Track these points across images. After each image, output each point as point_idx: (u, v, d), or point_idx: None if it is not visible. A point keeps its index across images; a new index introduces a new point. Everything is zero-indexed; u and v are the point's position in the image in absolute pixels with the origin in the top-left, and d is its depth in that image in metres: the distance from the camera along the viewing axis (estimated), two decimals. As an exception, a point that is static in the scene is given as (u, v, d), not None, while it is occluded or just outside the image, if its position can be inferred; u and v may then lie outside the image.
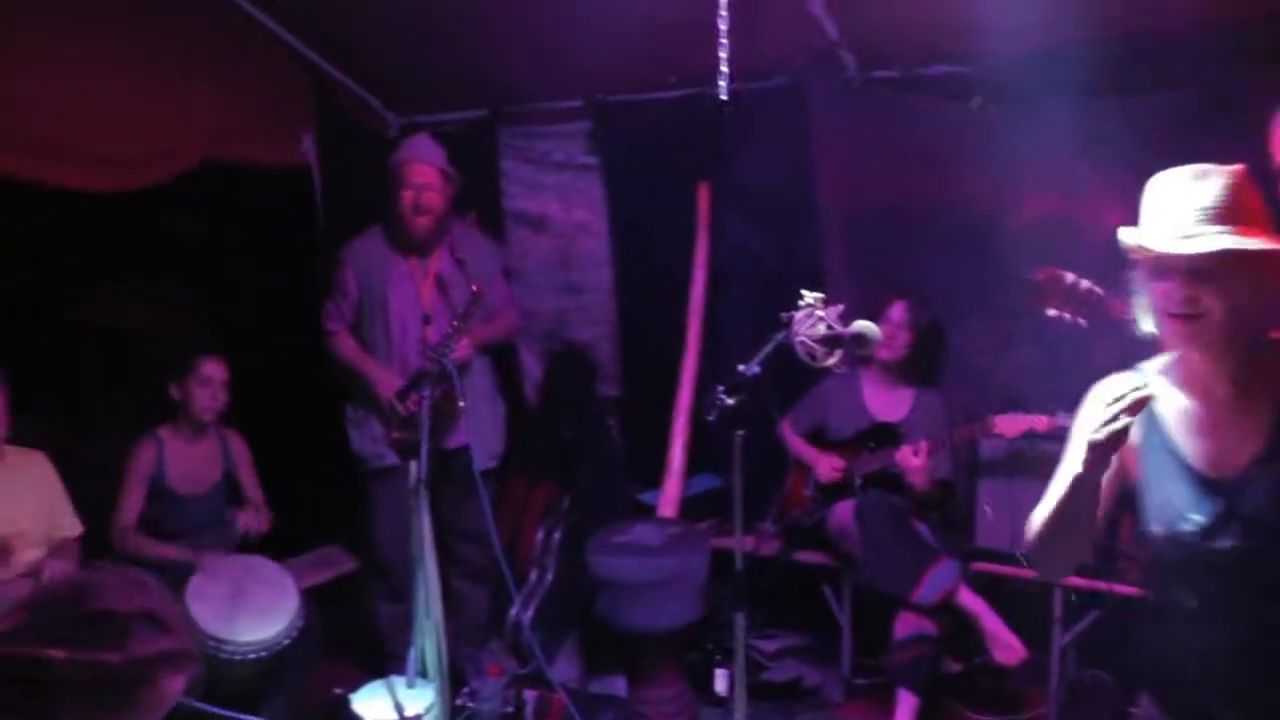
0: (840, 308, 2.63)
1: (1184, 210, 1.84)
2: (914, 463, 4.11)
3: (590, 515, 4.82)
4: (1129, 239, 1.89)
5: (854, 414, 4.47)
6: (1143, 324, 1.93)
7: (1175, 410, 1.96)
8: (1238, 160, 1.88)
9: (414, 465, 3.69)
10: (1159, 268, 1.86)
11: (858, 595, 4.39)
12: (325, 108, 4.96)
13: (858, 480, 4.34)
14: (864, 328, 2.53)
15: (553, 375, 5.45)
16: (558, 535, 4.79)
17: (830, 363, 2.57)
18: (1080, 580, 3.86)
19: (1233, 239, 1.78)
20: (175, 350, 4.08)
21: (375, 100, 5.35)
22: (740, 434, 2.58)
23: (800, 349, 2.56)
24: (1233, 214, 1.81)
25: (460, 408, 3.81)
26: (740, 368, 2.55)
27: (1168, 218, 1.85)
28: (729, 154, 4.70)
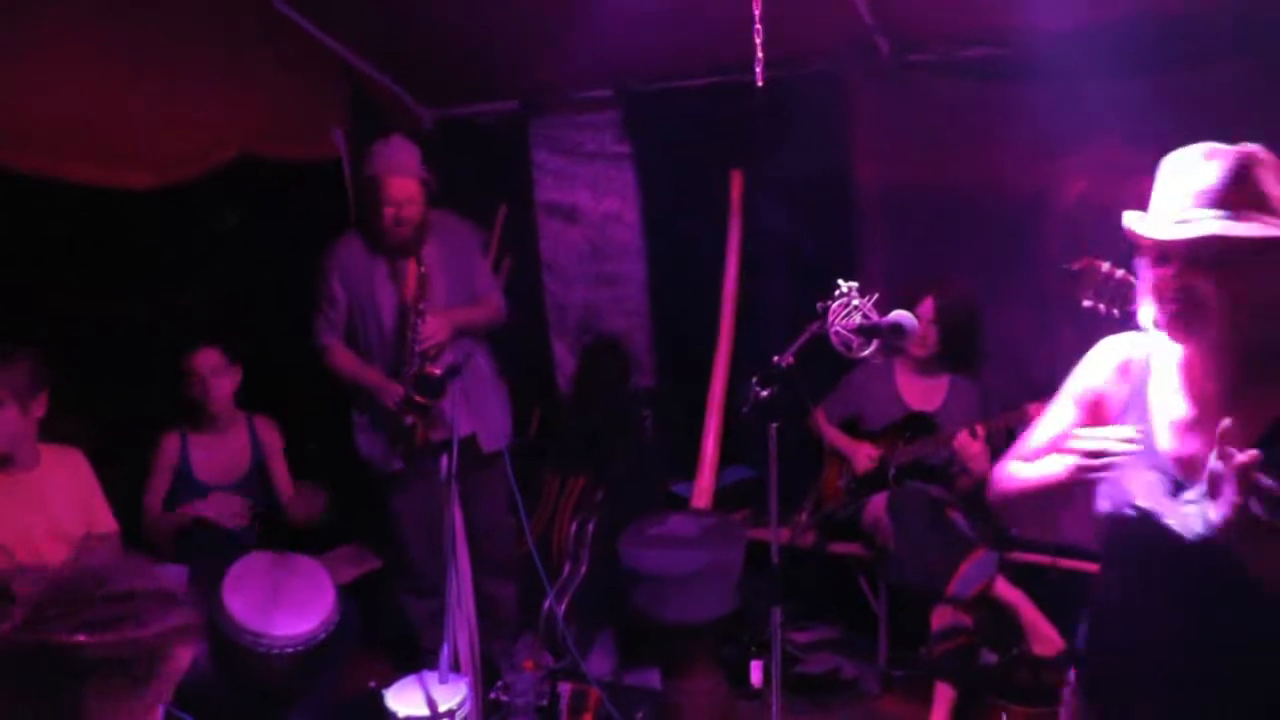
0: (875, 297, 2.59)
1: (1182, 193, 1.75)
2: (974, 448, 4.03)
3: (624, 507, 4.81)
4: (1130, 222, 1.80)
5: (888, 404, 4.42)
6: (1143, 314, 1.83)
7: (1164, 392, 1.88)
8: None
9: (444, 459, 3.68)
10: (1159, 254, 1.77)
11: (894, 586, 4.34)
12: (358, 102, 4.95)
13: (892, 472, 4.29)
14: (901, 318, 2.48)
15: (585, 366, 5.44)
16: (591, 527, 4.77)
17: (866, 354, 2.53)
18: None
19: (1224, 224, 1.68)
20: (171, 347, 4.09)
21: (407, 94, 5.33)
22: (775, 426, 2.55)
23: (836, 340, 2.52)
24: (1235, 198, 1.70)
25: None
26: (774, 359, 2.52)
27: (1166, 201, 1.77)
28: (762, 142, 4.66)
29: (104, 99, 3.73)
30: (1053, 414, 2.06)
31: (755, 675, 4.27)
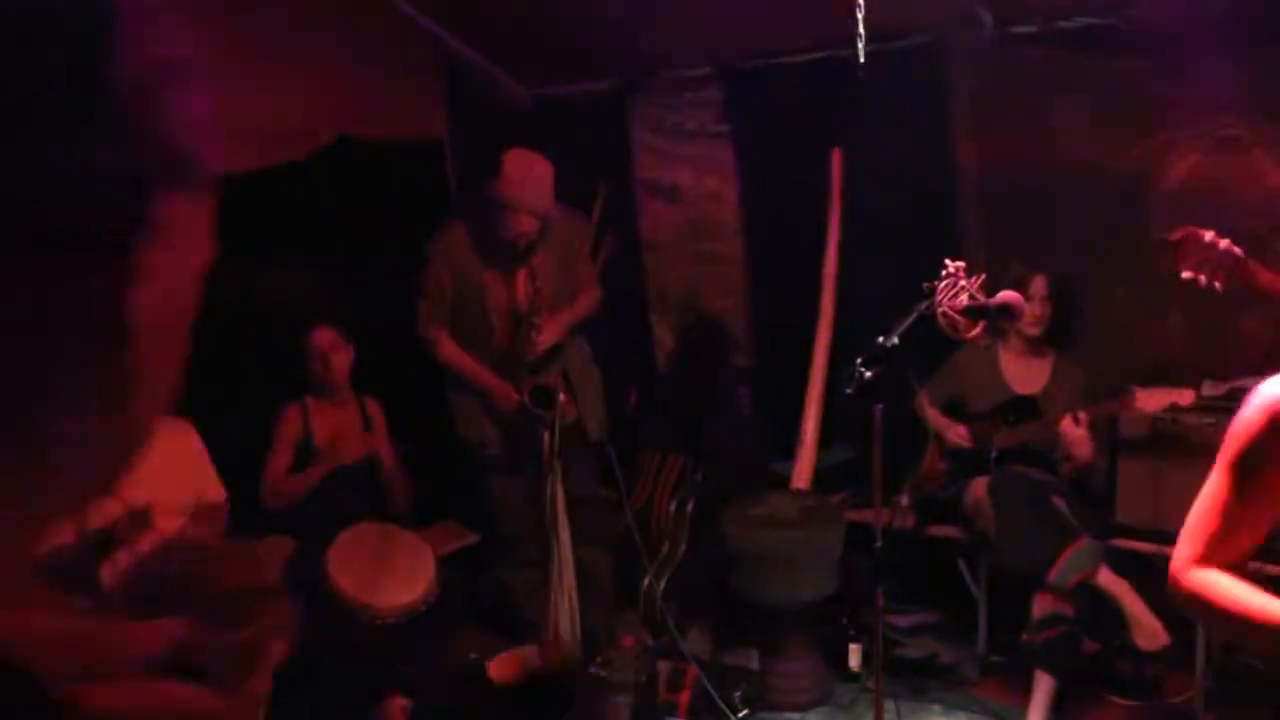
0: (983, 277, 2.54)
1: None
2: (1077, 433, 3.95)
3: (723, 486, 4.81)
4: None
5: (992, 386, 4.34)
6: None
7: None
8: None
9: (546, 437, 3.73)
10: None
11: (994, 571, 4.28)
12: (456, 83, 5.01)
13: (994, 455, 4.22)
14: (1009, 298, 2.44)
15: (685, 345, 5.44)
16: (690, 506, 4.78)
17: (973, 335, 2.49)
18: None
19: None
20: (293, 323, 4.19)
21: (505, 74, 5.37)
22: (879, 407, 2.53)
23: (942, 320, 2.49)
24: None
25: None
26: (879, 339, 2.49)
27: None
28: (863, 118, 4.61)
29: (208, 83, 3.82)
30: (1217, 491, 1.73)
31: (853, 658, 4.25)
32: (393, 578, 3.70)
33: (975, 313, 2.47)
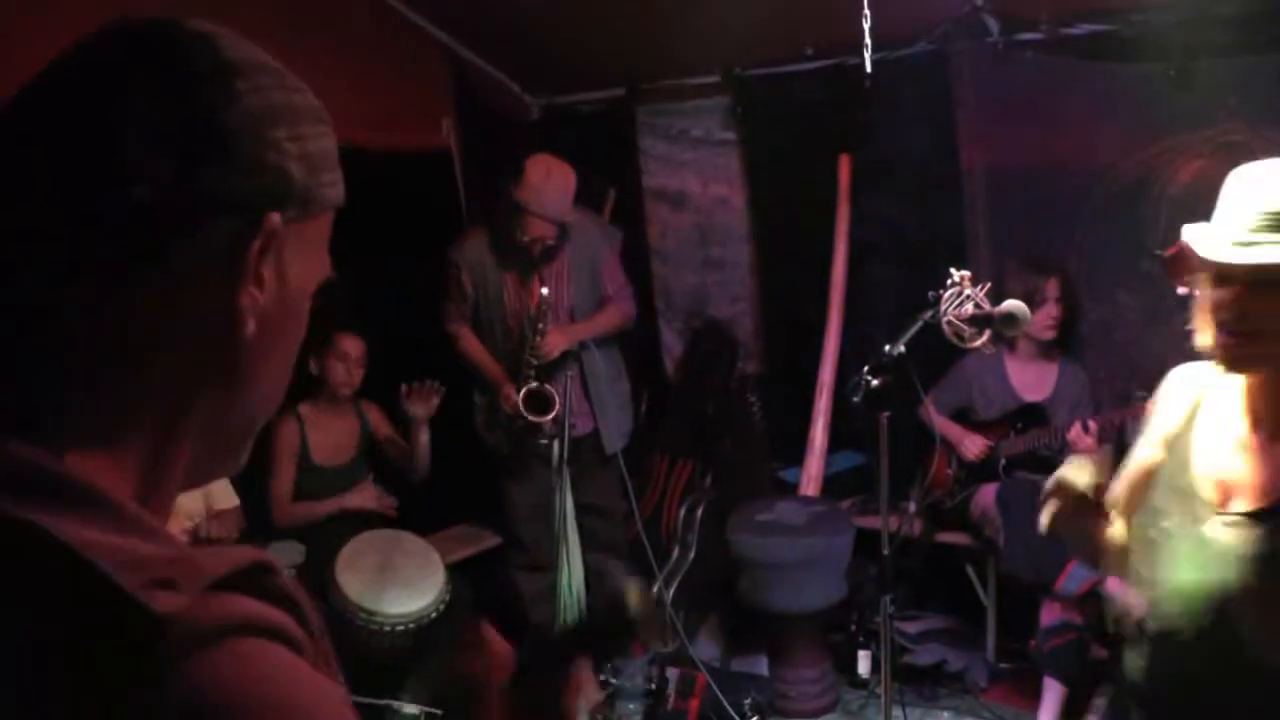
0: (987, 286, 2.55)
1: (1247, 213, 1.62)
2: (1086, 441, 3.96)
3: (731, 492, 4.82)
4: (1189, 239, 1.69)
5: (999, 393, 4.35)
6: (1200, 335, 1.72)
7: (1214, 414, 1.79)
8: None
9: (555, 446, 3.75)
10: (1218, 276, 1.65)
11: (1002, 578, 4.28)
12: (464, 92, 5.02)
13: (1002, 462, 4.23)
14: (1014, 307, 2.44)
15: (693, 351, 5.45)
16: (699, 512, 4.79)
17: (978, 343, 2.50)
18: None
19: None
20: (315, 326, 4.18)
21: (513, 83, 5.39)
22: (886, 415, 2.54)
23: (948, 329, 2.50)
24: None
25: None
26: (885, 347, 2.50)
27: (1229, 219, 1.65)
28: (870, 125, 4.62)
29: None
30: (1138, 457, 1.97)
31: (863, 664, 4.26)
32: (401, 584, 3.71)
33: (980, 321, 2.48)
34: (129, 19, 0.75)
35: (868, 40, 3.16)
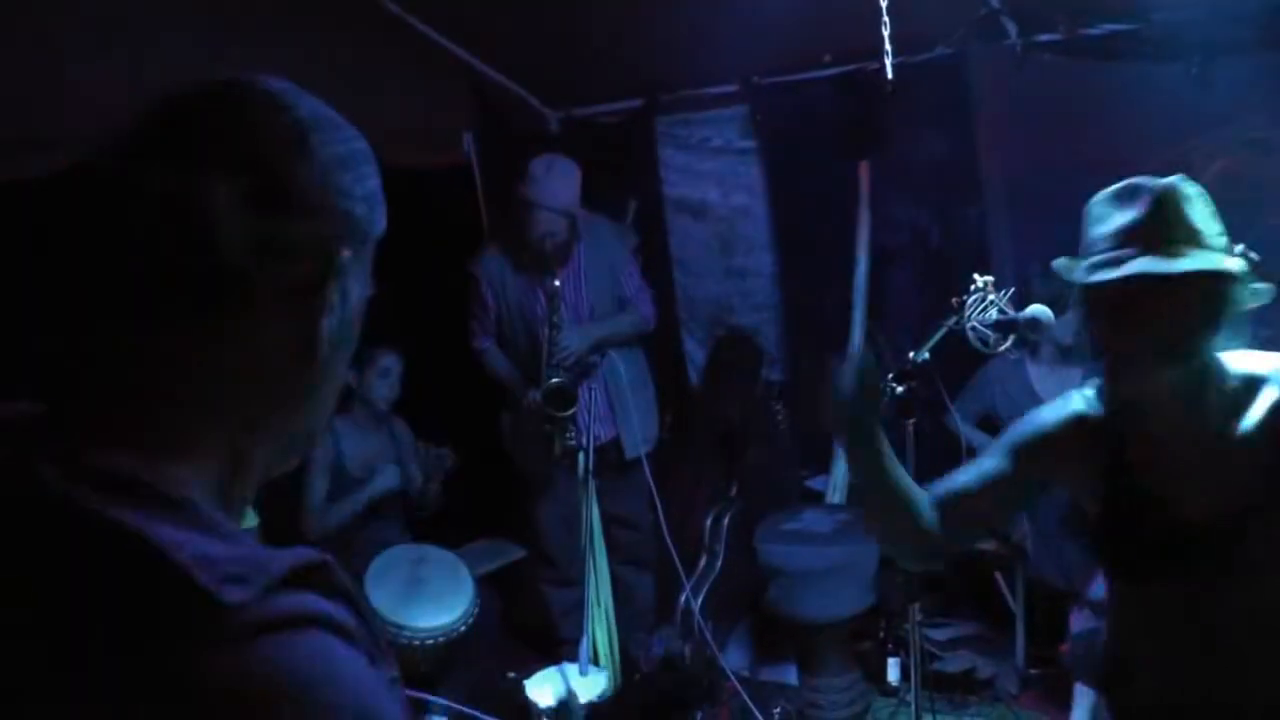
0: (1011, 291, 2.54)
1: (1108, 234, 1.72)
2: None
3: (758, 501, 4.81)
4: (1059, 269, 1.80)
5: (1023, 399, 4.31)
6: (1091, 352, 1.81)
7: (1143, 443, 1.82)
8: None
9: (580, 458, 3.75)
10: (1094, 298, 1.74)
11: (1031, 584, 4.25)
12: (483, 106, 5.04)
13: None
14: (1038, 311, 2.43)
15: (717, 360, 5.44)
16: (726, 521, 4.78)
17: (1002, 349, 2.49)
18: None
19: (1153, 261, 1.64)
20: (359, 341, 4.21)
21: (532, 97, 5.41)
22: (912, 422, 2.53)
23: (972, 335, 2.48)
24: (1163, 234, 1.67)
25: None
26: (910, 355, 2.49)
27: (1094, 243, 1.75)
28: (890, 131, 4.61)
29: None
30: (988, 459, 2.02)
31: (892, 672, 4.24)
32: (429, 598, 3.73)
33: (1005, 327, 2.46)
34: (204, 81, 0.86)
35: (888, 46, 3.16)
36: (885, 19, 3.11)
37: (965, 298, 2.49)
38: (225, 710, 0.67)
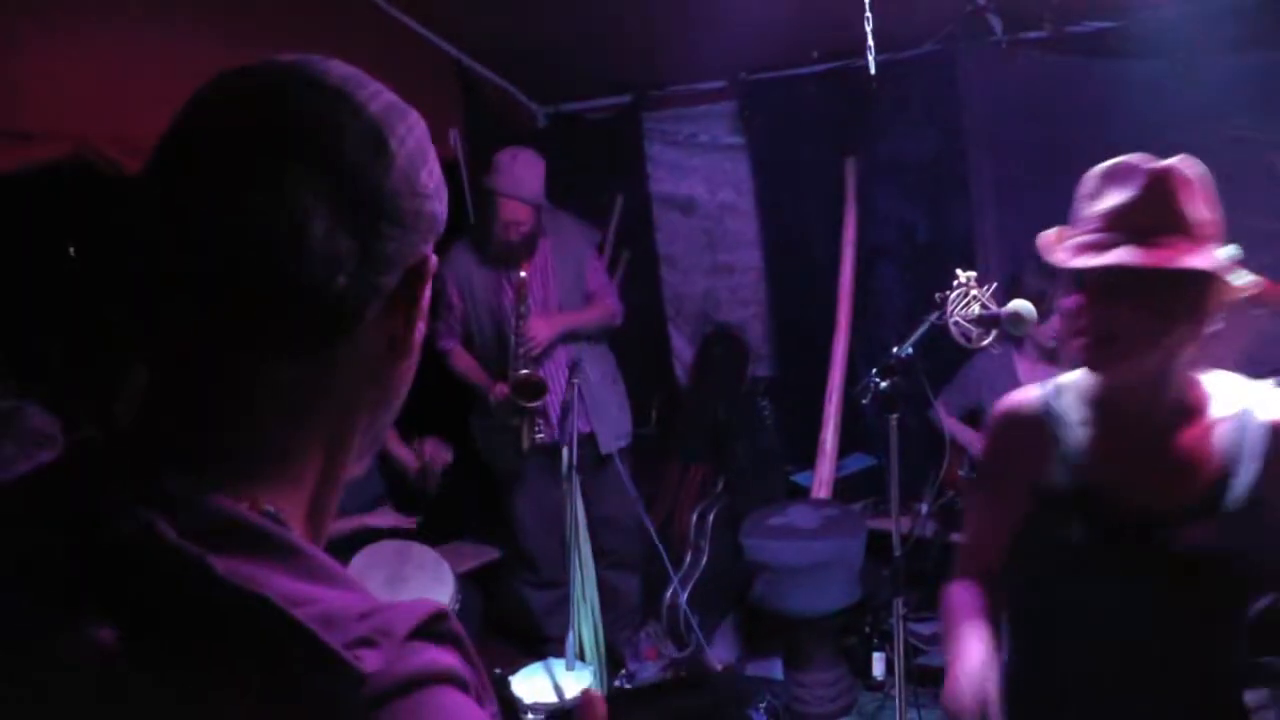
0: (994, 286, 2.55)
1: (1095, 215, 1.63)
2: None
3: (744, 497, 4.82)
4: (1041, 246, 1.70)
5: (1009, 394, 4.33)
6: (1063, 342, 1.71)
7: (1079, 426, 1.78)
8: None
9: (565, 453, 3.75)
10: (1072, 280, 1.65)
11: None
12: (471, 102, 5.03)
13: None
14: (1020, 306, 2.44)
15: (704, 357, 5.45)
16: (712, 517, 4.79)
17: (985, 344, 2.50)
18: None
19: (1134, 251, 1.55)
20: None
21: (519, 92, 5.41)
22: (895, 417, 2.54)
23: (954, 330, 2.49)
24: (1150, 221, 1.58)
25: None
26: (893, 350, 2.50)
27: (1080, 223, 1.66)
28: (876, 127, 4.62)
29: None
30: (982, 500, 1.99)
31: (877, 667, 4.25)
32: (410, 595, 3.72)
33: (987, 321, 2.47)
34: (265, 73, 0.80)
35: (870, 43, 3.16)
36: (868, 15, 3.12)
37: (947, 293, 2.50)
38: None
